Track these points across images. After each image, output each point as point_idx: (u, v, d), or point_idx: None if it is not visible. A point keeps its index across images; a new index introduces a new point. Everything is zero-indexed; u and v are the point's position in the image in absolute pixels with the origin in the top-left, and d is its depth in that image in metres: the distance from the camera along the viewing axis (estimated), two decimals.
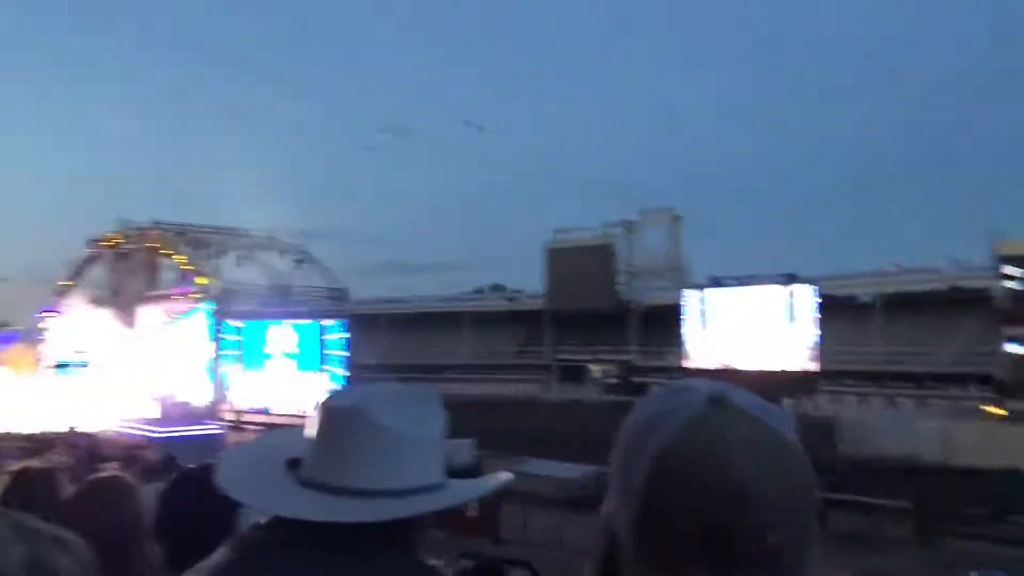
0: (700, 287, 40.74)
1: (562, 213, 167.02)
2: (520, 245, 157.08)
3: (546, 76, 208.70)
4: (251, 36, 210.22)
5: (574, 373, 54.27)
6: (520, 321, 60.63)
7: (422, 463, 1.16)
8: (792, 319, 34.90)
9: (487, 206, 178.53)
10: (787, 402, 29.70)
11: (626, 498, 0.77)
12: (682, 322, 39.92)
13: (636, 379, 47.84)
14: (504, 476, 1.31)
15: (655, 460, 0.74)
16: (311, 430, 1.17)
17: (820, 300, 35.07)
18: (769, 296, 35.90)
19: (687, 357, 39.46)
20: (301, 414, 25.03)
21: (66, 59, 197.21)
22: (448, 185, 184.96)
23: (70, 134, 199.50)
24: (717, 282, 39.82)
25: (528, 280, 64.40)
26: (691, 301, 39.72)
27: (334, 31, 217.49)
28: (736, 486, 0.71)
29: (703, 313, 38.82)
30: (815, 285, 35.70)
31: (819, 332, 34.41)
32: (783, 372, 33.95)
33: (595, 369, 53.64)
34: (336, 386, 25.62)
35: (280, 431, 1.37)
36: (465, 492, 1.22)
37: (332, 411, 1.17)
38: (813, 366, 34.55)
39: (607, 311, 55.15)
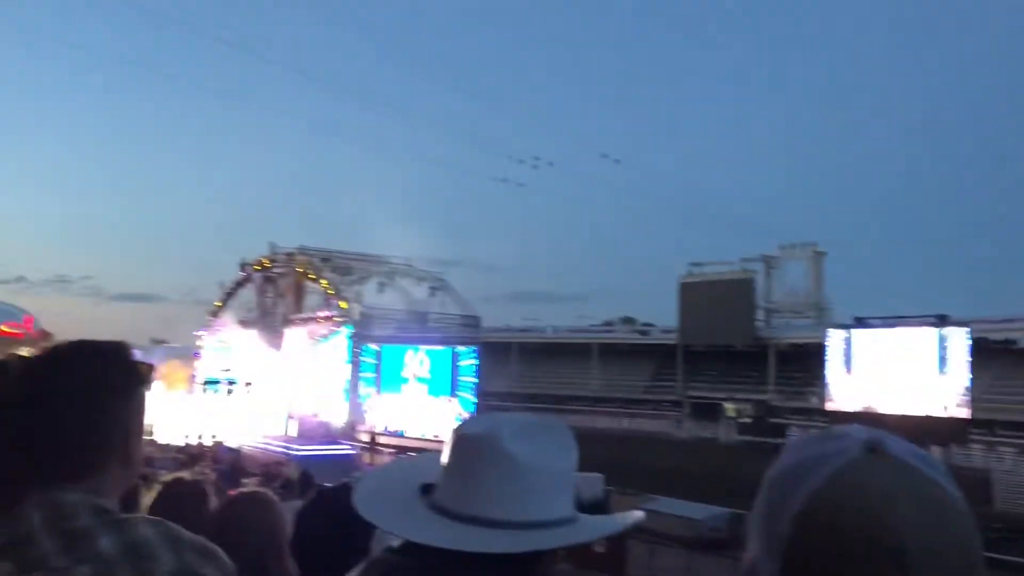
0: (844, 326, 39.08)
1: (698, 246, 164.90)
2: (653, 277, 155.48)
3: (684, 108, 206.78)
4: (394, 75, 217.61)
5: (707, 411, 52.89)
6: (651, 355, 59.68)
7: (553, 496, 1.15)
8: (942, 362, 33.00)
9: (620, 238, 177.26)
10: (935, 450, 28.04)
11: (770, 545, 0.74)
12: (824, 362, 38.34)
13: (773, 420, 46.20)
14: (636, 515, 1.28)
15: (804, 506, 0.72)
16: (444, 456, 1.18)
17: (973, 343, 33.02)
18: (918, 338, 34.10)
19: (829, 399, 37.85)
20: (433, 438, 25.45)
21: (224, 94, 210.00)
22: (581, 216, 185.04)
23: (226, 163, 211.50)
24: (862, 322, 38.12)
25: (659, 313, 63.60)
26: (835, 341, 38.05)
27: (472, 64, 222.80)
28: (892, 538, 0.67)
29: (847, 354, 37.17)
30: (967, 327, 33.68)
31: (971, 377, 32.36)
32: (930, 418, 32.06)
33: (729, 408, 52.17)
34: (466, 412, 25.96)
35: (418, 455, 1.39)
36: (595, 529, 1.19)
37: (465, 439, 1.16)
38: (964, 413, 32.42)
39: (743, 348, 53.70)
